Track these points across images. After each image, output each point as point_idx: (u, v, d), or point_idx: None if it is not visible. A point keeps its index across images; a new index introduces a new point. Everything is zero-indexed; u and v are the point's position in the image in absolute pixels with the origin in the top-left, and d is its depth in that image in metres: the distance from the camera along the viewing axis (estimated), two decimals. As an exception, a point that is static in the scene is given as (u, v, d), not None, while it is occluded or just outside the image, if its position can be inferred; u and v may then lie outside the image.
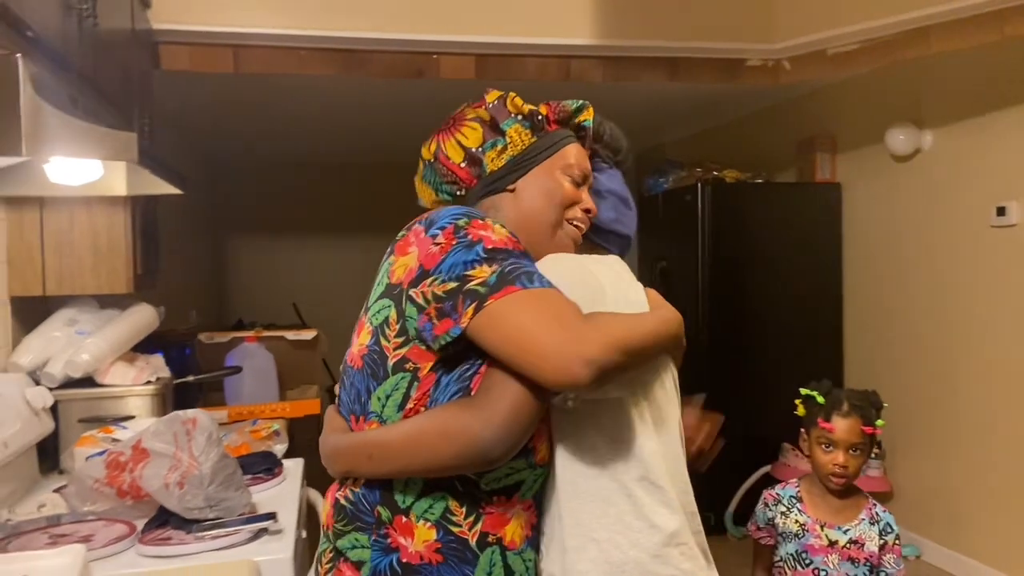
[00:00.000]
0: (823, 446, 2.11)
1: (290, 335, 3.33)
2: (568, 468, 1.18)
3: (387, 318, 1.16)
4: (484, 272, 1.08)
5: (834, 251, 4.54)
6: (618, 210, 1.40)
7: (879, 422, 2.12)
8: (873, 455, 4.12)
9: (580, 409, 1.18)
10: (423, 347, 1.13)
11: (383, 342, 1.16)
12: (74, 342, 2.29)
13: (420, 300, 1.11)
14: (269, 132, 5.59)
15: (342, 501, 1.20)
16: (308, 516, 1.97)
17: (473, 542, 1.14)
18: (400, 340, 1.14)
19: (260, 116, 5.01)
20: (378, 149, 6.46)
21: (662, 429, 1.24)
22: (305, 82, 3.82)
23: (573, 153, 1.32)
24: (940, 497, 3.88)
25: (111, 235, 2.35)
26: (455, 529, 1.14)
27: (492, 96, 1.32)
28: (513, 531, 1.17)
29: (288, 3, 3.28)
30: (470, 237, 1.11)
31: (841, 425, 2.09)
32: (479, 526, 1.15)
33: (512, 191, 1.30)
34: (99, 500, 1.69)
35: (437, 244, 1.12)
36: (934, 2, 3.12)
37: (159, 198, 2.74)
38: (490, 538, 1.15)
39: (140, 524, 1.64)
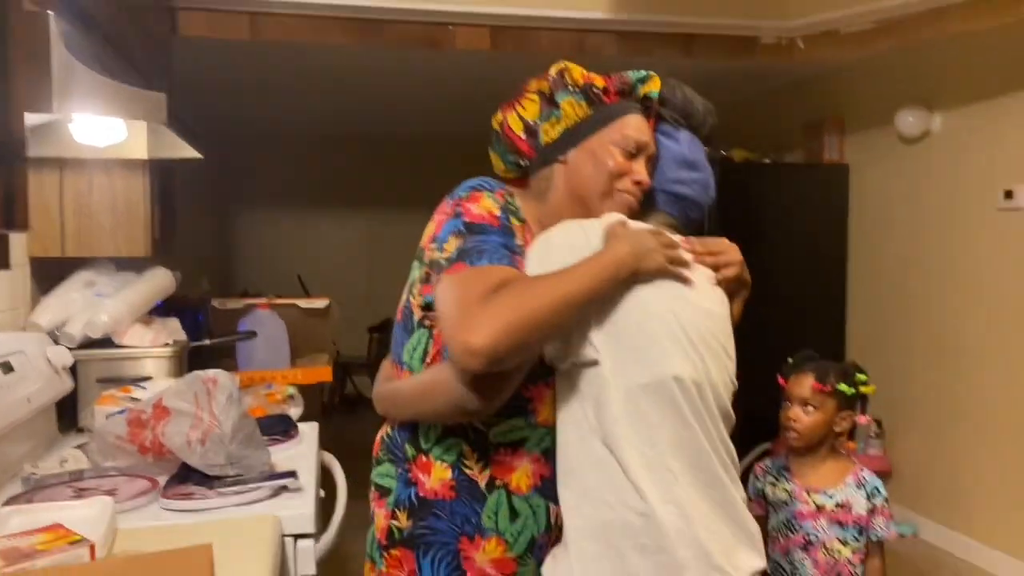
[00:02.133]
0: (785, 403, 2.17)
1: (302, 303, 3.34)
2: (562, 430, 1.24)
3: (416, 277, 1.28)
4: (452, 245, 1.17)
5: (840, 232, 4.55)
6: (677, 171, 1.38)
7: (865, 388, 2.13)
8: (873, 434, 4.17)
9: (568, 372, 1.22)
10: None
11: (412, 299, 1.29)
12: (92, 303, 2.31)
13: (426, 262, 1.24)
14: (278, 103, 5.58)
15: (384, 436, 1.37)
16: (324, 477, 2.01)
17: (482, 484, 1.26)
18: (422, 299, 1.26)
19: (271, 87, 5.00)
20: (386, 122, 6.43)
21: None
22: (319, 51, 3.81)
23: (630, 124, 1.33)
24: (938, 476, 3.92)
25: (130, 198, 2.37)
26: (467, 471, 1.27)
27: (554, 69, 1.35)
28: (519, 479, 1.27)
29: (305, -30, 3.28)
30: (459, 209, 1.21)
31: (793, 380, 2.15)
32: (488, 471, 1.26)
33: (564, 162, 1.33)
34: (120, 456, 1.72)
35: (444, 213, 1.24)
36: (950, -18, 3.12)
37: (175, 166, 2.75)
38: (497, 482, 1.26)
39: (161, 480, 1.66)
